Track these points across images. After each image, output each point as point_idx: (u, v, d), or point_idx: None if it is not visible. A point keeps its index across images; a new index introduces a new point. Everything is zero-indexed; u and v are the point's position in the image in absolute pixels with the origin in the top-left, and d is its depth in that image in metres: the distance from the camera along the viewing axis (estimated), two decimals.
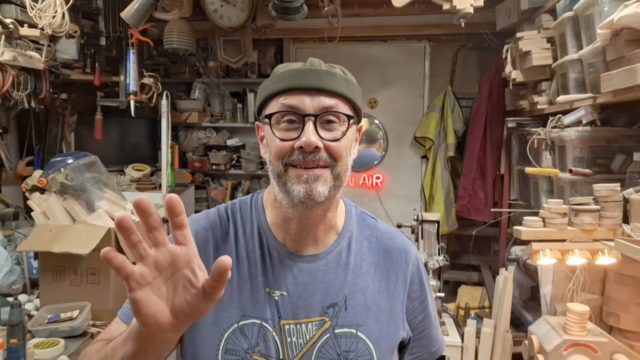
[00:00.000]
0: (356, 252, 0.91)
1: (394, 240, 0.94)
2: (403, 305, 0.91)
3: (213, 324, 0.83)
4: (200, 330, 0.84)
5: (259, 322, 0.83)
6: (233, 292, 0.85)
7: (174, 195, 0.58)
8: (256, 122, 0.90)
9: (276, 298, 0.85)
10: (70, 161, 2.15)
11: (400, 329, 0.91)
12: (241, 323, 0.83)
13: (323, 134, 0.80)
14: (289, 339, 0.83)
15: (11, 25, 2.15)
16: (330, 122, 0.81)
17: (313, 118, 0.79)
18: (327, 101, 0.80)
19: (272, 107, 0.83)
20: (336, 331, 0.85)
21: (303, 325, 0.84)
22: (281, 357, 0.82)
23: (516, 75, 2.72)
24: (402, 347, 0.95)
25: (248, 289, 0.85)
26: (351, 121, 0.83)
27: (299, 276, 0.86)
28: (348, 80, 0.84)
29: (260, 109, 0.87)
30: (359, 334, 0.85)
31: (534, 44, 2.52)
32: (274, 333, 0.83)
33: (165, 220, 0.64)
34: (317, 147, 0.78)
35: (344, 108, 0.82)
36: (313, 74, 0.80)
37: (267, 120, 0.83)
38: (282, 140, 0.80)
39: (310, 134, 0.78)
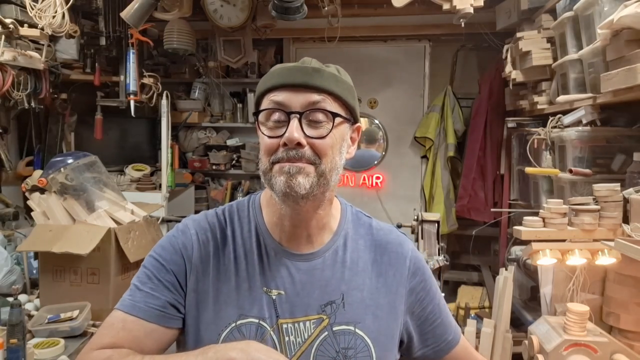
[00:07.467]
0: (352, 249, 0.91)
1: (389, 235, 0.95)
2: (403, 299, 0.91)
3: (212, 323, 0.84)
4: (201, 328, 0.85)
5: (257, 321, 0.83)
6: (231, 292, 0.85)
7: None
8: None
9: (274, 297, 0.85)
10: (70, 161, 2.15)
11: (400, 324, 0.91)
12: (239, 322, 0.83)
13: (308, 131, 0.80)
14: (287, 338, 0.83)
15: (11, 25, 2.15)
16: (318, 119, 0.81)
17: (298, 115, 0.79)
18: (313, 98, 0.80)
19: (263, 104, 0.84)
20: (334, 329, 0.85)
21: (301, 324, 0.84)
22: None
23: (516, 75, 2.72)
24: (410, 343, 0.95)
25: (246, 288, 0.85)
26: (337, 119, 0.82)
27: (296, 275, 0.86)
28: (337, 78, 0.84)
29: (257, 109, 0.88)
30: (357, 330, 0.85)
31: (534, 44, 2.51)
32: (271, 332, 0.83)
33: (164, 220, 0.65)
34: (299, 144, 0.78)
35: (332, 105, 0.82)
36: (301, 71, 0.81)
37: (258, 117, 0.84)
38: (269, 137, 0.81)
39: (293, 131, 0.78)
